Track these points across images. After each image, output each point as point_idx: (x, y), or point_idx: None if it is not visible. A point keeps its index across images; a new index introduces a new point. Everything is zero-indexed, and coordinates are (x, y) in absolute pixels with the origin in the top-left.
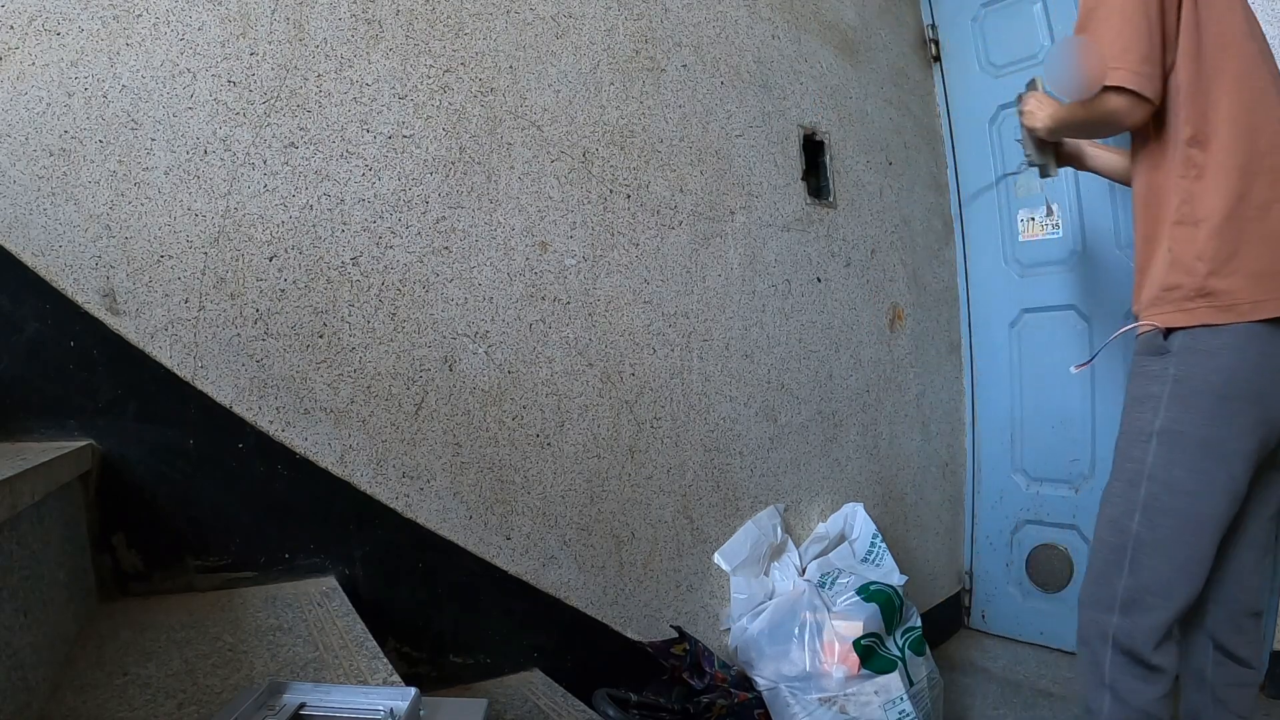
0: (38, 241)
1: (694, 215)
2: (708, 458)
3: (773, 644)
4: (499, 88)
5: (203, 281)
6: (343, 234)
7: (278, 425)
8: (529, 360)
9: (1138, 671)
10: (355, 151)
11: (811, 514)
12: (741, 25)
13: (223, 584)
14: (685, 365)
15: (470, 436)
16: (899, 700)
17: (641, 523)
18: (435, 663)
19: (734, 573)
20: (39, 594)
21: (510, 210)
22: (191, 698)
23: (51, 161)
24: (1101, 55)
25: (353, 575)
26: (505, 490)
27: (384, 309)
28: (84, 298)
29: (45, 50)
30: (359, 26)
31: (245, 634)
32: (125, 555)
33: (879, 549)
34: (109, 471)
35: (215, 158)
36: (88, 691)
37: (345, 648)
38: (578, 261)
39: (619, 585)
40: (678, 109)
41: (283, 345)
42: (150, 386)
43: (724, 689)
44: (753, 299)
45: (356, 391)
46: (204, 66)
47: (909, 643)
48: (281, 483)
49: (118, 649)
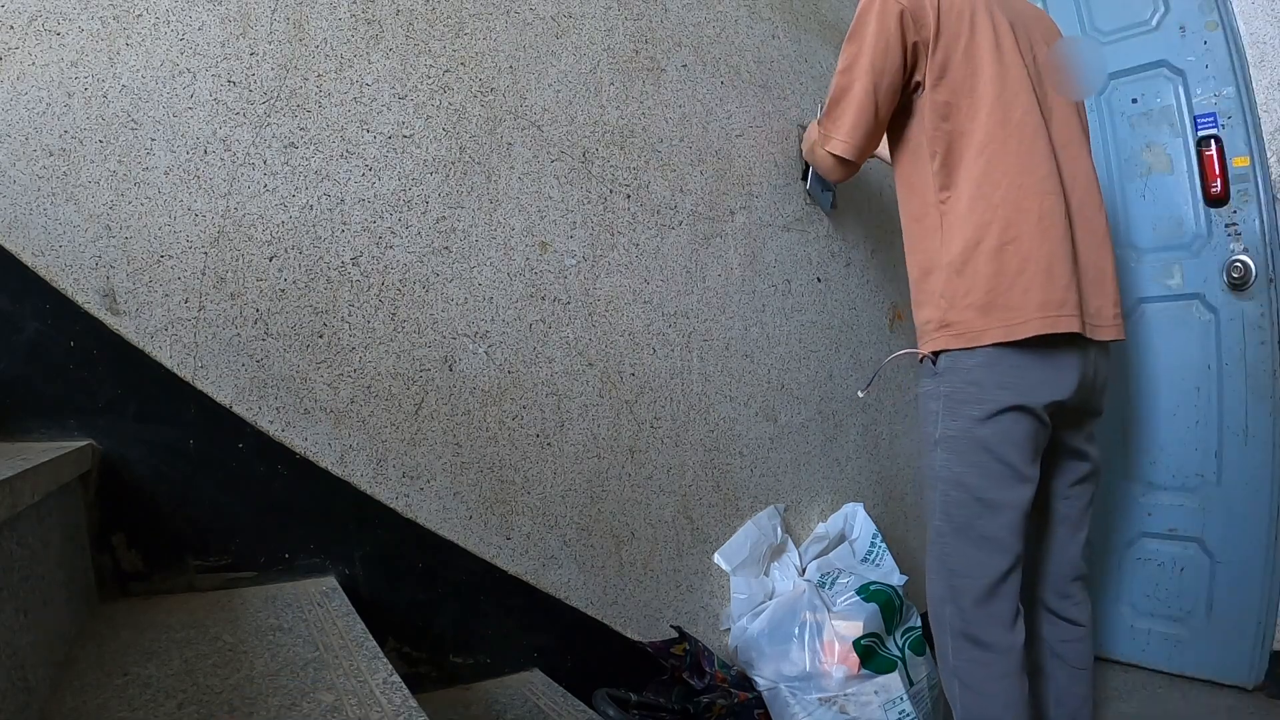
0: (38, 241)
1: (694, 215)
2: (708, 458)
3: (773, 644)
4: (499, 88)
5: (203, 281)
6: (343, 234)
7: (278, 425)
8: (529, 360)
9: (974, 654)
10: (355, 151)
11: (811, 514)
12: (741, 25)
13: (223, 584)
14: (685, 365)
15: (470, 436)
16: (899, 700)
17: (641, 523)
18: (435, 663)
19: (734, 573)
20: (39, 594)
21: (510, 210)
22: (191, 698)
23: (51, 161)
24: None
25: (353, 575)
26: (505, 490)
27: (384, 309)
28: (84, 298)
29: (45, 50)
30: (359, 26)
31: (245, 634)
32: (125, 555)
33: (879, 549)
34: (109, 471)
35: (215, 158)
36: (88, 691)
37: (345, 648)
38: (578, 261)
39: (619, 585)
40: (678, 109)
41: (283, 345)
42: (150, 386)
43: (724, 689)
44: (753, 299)
45: (356, 391)
46: (204, 66)
47: (909, 643)
48: (281, 483)
49: (118, 649)
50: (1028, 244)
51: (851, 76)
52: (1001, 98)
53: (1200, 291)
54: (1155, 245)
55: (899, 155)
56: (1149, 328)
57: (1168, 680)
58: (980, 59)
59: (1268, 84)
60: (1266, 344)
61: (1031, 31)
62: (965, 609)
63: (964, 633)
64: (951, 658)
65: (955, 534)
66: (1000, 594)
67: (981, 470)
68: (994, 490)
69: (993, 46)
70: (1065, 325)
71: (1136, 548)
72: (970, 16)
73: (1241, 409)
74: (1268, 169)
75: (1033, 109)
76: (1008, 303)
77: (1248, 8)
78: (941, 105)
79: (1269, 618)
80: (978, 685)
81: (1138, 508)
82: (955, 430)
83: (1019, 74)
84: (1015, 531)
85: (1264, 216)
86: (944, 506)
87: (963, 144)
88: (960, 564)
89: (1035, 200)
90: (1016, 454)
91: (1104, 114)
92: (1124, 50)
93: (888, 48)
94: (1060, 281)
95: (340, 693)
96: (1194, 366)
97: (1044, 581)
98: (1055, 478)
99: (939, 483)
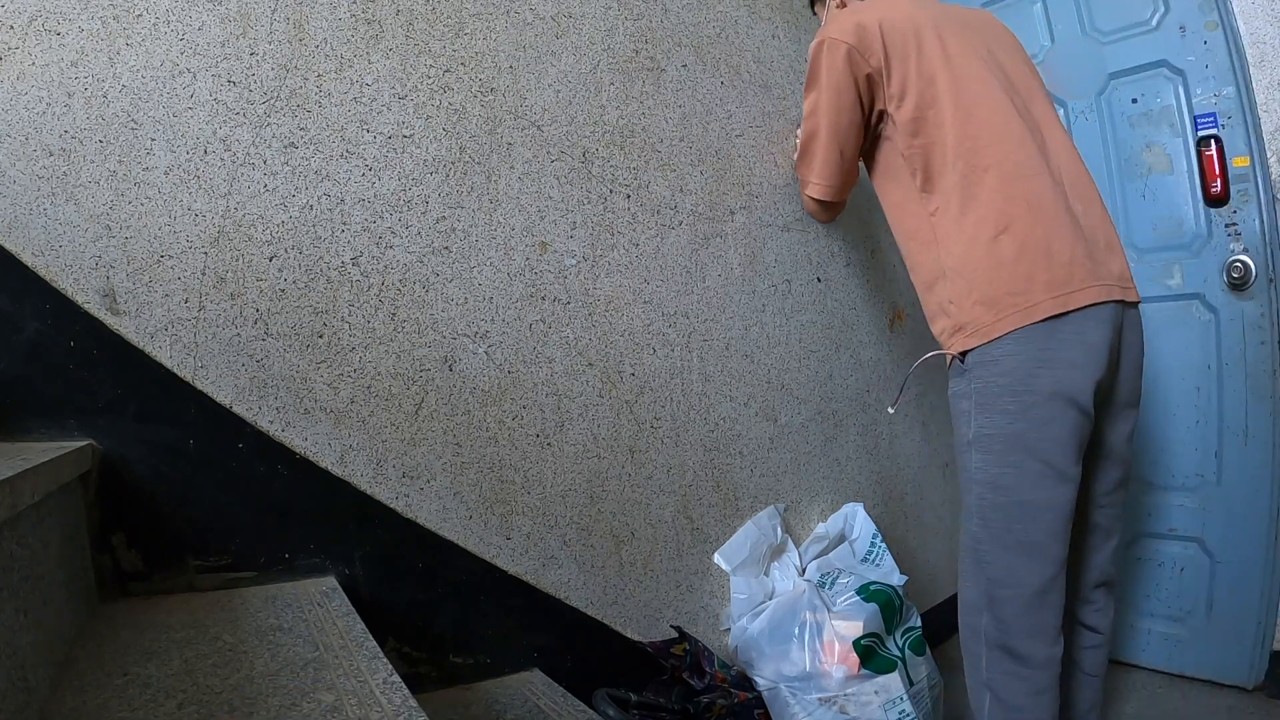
0: (38, 241)
1: (694, 215)
2: (708, 458)
3: (773, 644)
4: (499, 88)
5: (203, 281)
6: (343, 234)
7: (278, 425)
8: (529, 360)
9: (1010, 667)
10: (355, 151)
11: (811, 514)
12: (741, 25)
13: (223, 584)
14: (685, 365)
15: (470, 436)
16: (899, 700)
17: (641, 523)
18: (435, 663)
19: (734, 573)
20: (39, 594)
21: (510, 210)
22: (191, 698)
23: (51, 161)
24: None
25: (353, 575)
26: (505, 490)
27: (384, 309)
28: (84, 298)
29: (45, 50)
30: (359, 26)
31: (245, 634)
32: (125, 555)
33: (879, 549)
34: (109, 471)
35: (215, 158)
36: (88, 691)
37: (345, 648)
38: (578, 261)
39: (619, 585)
40: (678, 109)
41: (283, 345)
42: (150, 386)
43: (724, 689)
44: (753, 299)
45: (356, 391)
46: (204, 66)
47: (909, 643)
48: (281, 483)
49: (118, 649)
50: (1021, 230)
51: (815, 121)
52: (961, 101)
53: (1200, 291)
54: (1155, 245)
55: (881, 182)
56: (1149, 328)
57: (1167, 680)
58: (934, 70)
59: (1268, 84)
60: (1266, 344)
61: (982, 31)
62: (1005, 620)
63: (1001, 644)
64: (985, 670)
65: (993, 540)
66: (1044, 604)
67: (1019, 470)
68: (1033, 491)
69: (940, 54)
70: (1079, 300)
71: (1136, 548)
72: (914, 32)
73: (1241, 409)
74: (1268, 169)
75: (998, 101)
76: (1012, 289)
77: (1248, 8)
78: (909, 123)
79: (1269, 618)
80: (1011, 699)
81: (1138, 507)
82: (990, 429)
83: (976, 72)
84: (1058, 536)
85: (1264, 216)
86: (980, 511)
87: (938, 154)
88: (1000, 572)
89: (1020, 186)
90: (1057, 451)
91: (1104, 114)
92: (1124, 50)
93: (840, 87)
94: (1061, 259)
95: (340, 693)
96: (1194, 366)
97: (1069, 587)
98: (1094, 480)
99: (974, 485)
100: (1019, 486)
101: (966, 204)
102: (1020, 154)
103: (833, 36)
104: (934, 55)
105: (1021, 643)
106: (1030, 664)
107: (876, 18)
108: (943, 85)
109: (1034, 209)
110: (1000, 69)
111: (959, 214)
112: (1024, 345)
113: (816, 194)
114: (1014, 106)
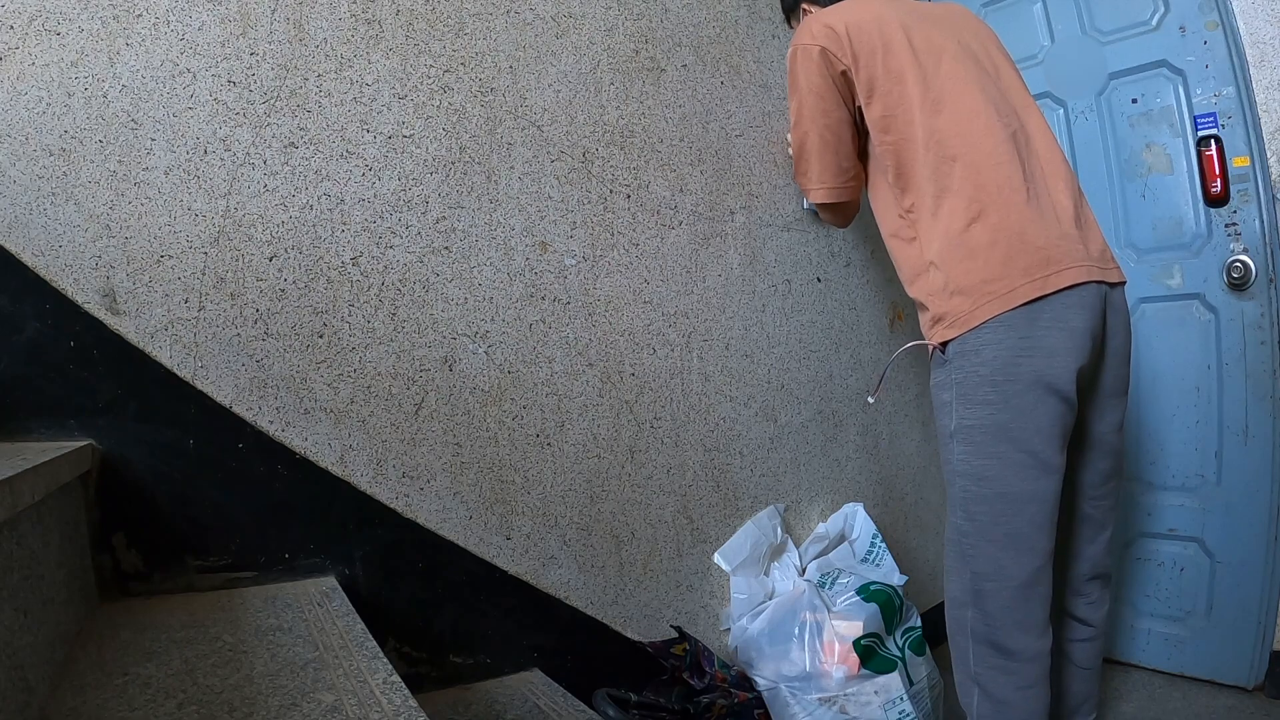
0: (38, 241)
1: (694, 215)
2: (708, 458)
3: (773, 644)
4: (499, 88)
5: (203, 281)
6: (343, 234)
7: (277, 425)
8: (529, 360)
9: (997, 661)
10: (355, 151)
11: (811, 514)
12: (741, 25)
13: (223, 584)
14: (685, 365)
15: (470, 436)
16: (899, 700)
17: (641, 523)
18: (435, 663)
19: (734, 573)
20: (39, 594)
21: (510, 210)
22: (191, 698)
23: (51, 161)
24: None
25: (353, 575)
26: (505, 490)
27: (384, 309)
28: (84, 298)
29: (45, 50)
30: (359, 26)
31: (245, 634)
32: (125, 555)
33: (879, 549)
34: (109, 471)
35: (215, 158)
36: (88, 691)
37: (345, 648)
38: (578, 261)
39: (619, 585)
40: (678, 109)
41: (283, 345)
42: (150, 386)
43: (724, 689)
44: (753, 299)
45: (356, 391)
46: (204, 66)
47: (909, 643)
48: (281, 483)
49: (118, 649)
50: (995, 216)
51: (803, 128)
52: (928, 95)
53: (1200, 291)
54: (1155, 245)
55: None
56: (1149, 328)
57: (1167, 680)
58: (900, 65)
59: (1268, 84)
60: (1266, 344)
61: (952, 24)
62: (991, 614)
63: (988, 639)
64: (973, 664)
65: (978, 533)
66: (1030, 597)
67: (1003, 461)
68: (1017, 482)
69: (907, 49)
70: (1060, 281)
71: (1136, 548)
72: (880, 31)
73: (1241, 409)
74: (1268, 169)
75: (967, 92)
76: (988, 276)
77: (1248, 8)
78: (879, 120)
79: (1269, 618)
80: (999, 694)
81: (1137, 507)
82: (972, 419)
83: (945, 66)
84: (1042, 528)
85: (1264, 216)
86: (964, 503)
87: (908, 150)
88: (984, 565)
89: (990, 174)
90: (1040, 440)
91: (1104, 114)
92: (1124, 50)
93: (821, 90)
94: (1037, 242)
95: (340, 693)
96: (1194, 366)
97: (1058, 579)
98: (1082, 471)
99: (957, 478)
100: (1002, 478)
101: (939, 196)
102: (989, 142)
103: (805, 42)
104: (901, 52)
105: (1008, 637)
106: (1018, 658)
107: (843, 19)
108: (911, 81)
109: (1005, 195)
110: (973, 59)
111: (933, 207)
112: (1004, 333)
113: (820, 198)
114: (985, 95)
